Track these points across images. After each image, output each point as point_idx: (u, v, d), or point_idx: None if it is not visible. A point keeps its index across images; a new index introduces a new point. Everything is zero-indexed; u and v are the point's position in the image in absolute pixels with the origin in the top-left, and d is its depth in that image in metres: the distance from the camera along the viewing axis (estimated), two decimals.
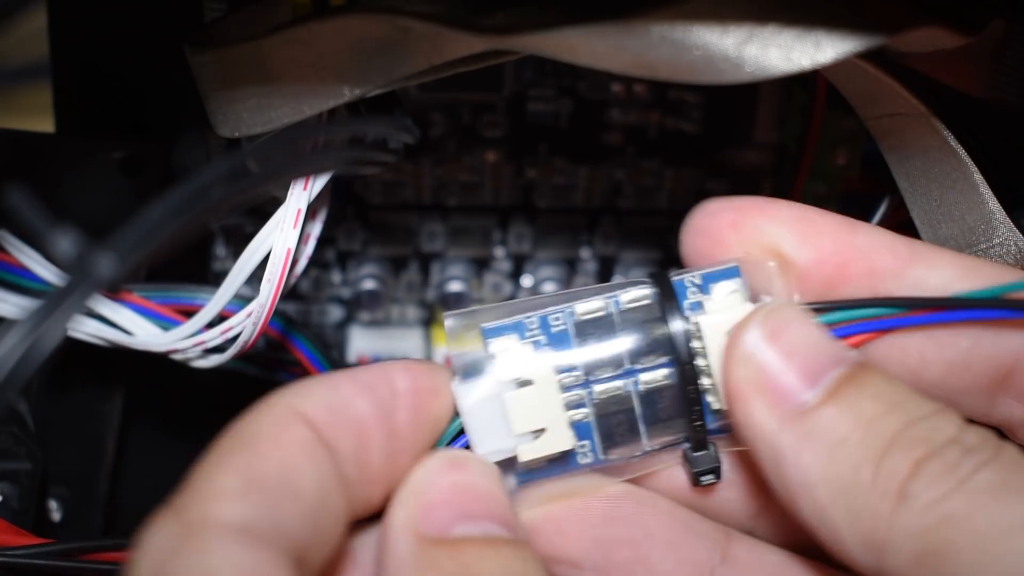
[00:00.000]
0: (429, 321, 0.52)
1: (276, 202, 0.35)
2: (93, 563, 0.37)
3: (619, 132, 0.49)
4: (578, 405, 0.29)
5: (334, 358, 0.47)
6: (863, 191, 0.47)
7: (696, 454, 0.30)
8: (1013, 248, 0.35)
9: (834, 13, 0.28)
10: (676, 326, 0.29)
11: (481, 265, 0.51)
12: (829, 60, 0.28)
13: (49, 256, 0.38)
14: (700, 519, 0.31)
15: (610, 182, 0.50)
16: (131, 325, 0.38)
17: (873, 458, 0.26)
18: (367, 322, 0.52)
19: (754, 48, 0.28)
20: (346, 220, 0.49)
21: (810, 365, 0.27)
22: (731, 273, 0.30)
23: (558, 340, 0.29)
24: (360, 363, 0.51)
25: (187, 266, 0.47)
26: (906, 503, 0.25)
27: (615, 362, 0.30)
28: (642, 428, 0.30)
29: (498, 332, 0.29)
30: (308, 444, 0.26)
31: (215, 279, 0.49)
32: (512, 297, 0.52)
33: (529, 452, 0.29)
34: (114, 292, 0.37)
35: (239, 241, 0.49)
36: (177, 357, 0.38)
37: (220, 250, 0.49)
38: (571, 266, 0.51)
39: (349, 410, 0.27)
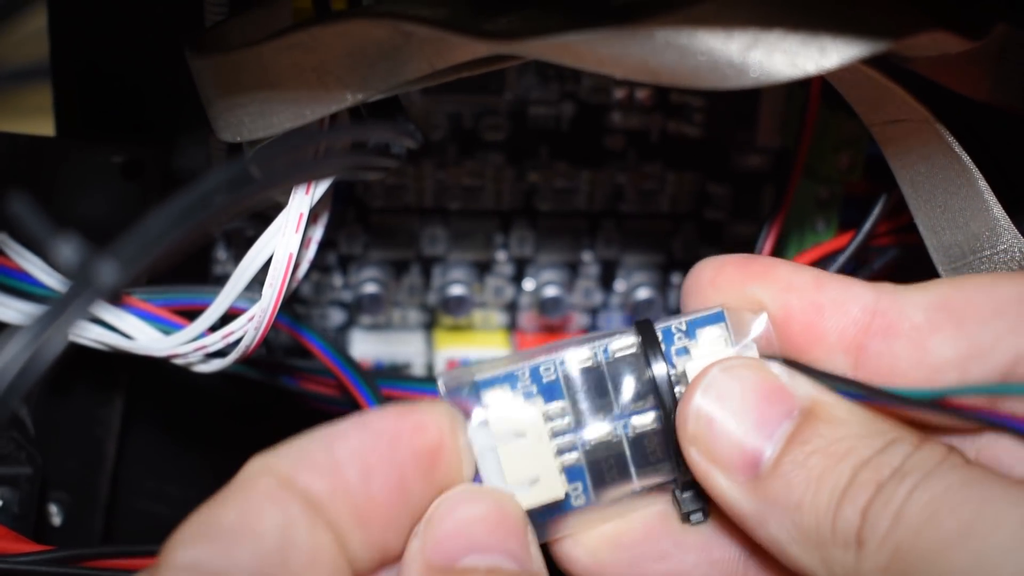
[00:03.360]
0: (430, 325, 0.52)
1: (277, 206, 0.34)
2: (93, 570, 0.37)
3: (621, 136, 0.49)
4: (570, 449, 0.30)
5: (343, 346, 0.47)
6: (866, 194, 0.47)
7: (684, 495, 0.31)
8: (1017, 254, 0.34)
9: (839, 18, 0.28)
10: (660, 372, 0.30)
11: (483, 269, 0.51)
12: (834, 65, 0.28)
13: (51, 263, 0.38)
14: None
15: (612, 186, 0.50)
16: (132, 329, 0.38)
17: (828, 515, 0.27)
18: (368, 326, 0.52)
19: (759, 53, 0.28)
20: (347, 224, 0.49)
21: (757, 422, 0.28)
22: (716, 319, 0.31)
23: (549, 390, 0.30)
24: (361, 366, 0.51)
25: (188, 270, 0.47)
26: (864, 549, 0.26)
27: (605, 408, 0.30)
28: (632, 471, 0.31)
29: (491, 384, 0.30)
30: (270, 488, 0.27)
31: (216, 283, 0.49)
32: (513, 301, 0.52)
33: (525, 500, 0.30)
34: (115, 301, 0.37)
35: (240, 244, 0.49)
36: (178, 362, 0.38)
37: (221, 253, 0.49)
38: (573, 269, 0.51)
39: (317, 456, 0.28)
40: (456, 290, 0.50)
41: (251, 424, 0.51)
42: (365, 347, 0.51)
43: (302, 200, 0.34)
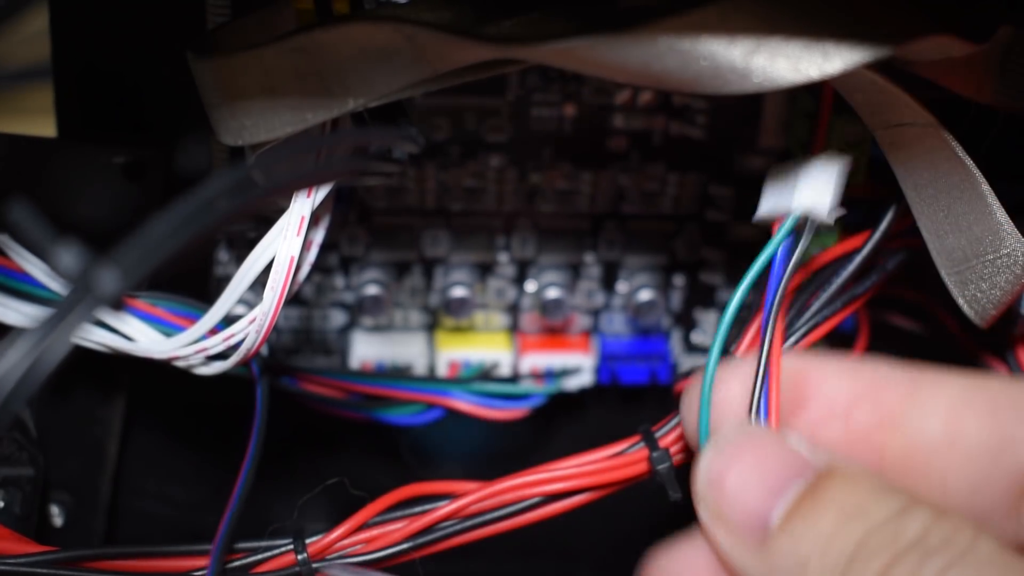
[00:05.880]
0: (432, 326, 0.52)
1: (278, 208, 0.34)
2: (95, 571, 0.37)
3: (623, 137, 0.49)
4: None
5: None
6: (869, 196, 0.47)
7: None
8: (1020, 258, 0.34)
9: (842, 23, 0.28)
10: None
11: (484, 270, 0.51)
12: (837, 70, 0.28)
13: (52, 269, 0.38)
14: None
15: (614, 187, 0.50)
16: (133, 331, 0.38)
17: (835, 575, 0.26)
18: (370, 327, 0.52)
19: (761, 58, 0.28)
20: (349, 225, 0.49)
21: (769, 484, 0.28)
22: None
23: None
24: (363, 368, 0.51)
25: (189, 271, 0.47)
26: None
27: None
28: None
29: None
30: None
31: (217, 284, 0.49)
32: (515, 303, 0.52)
33: None
34: (117, 308, 0.37)
35: (242, 246, 0.49)
36: (179, 364, 0.38)
37: (222, 255, 0.49)
38: (575, 271, 0.51)
39: None
40: (458, 291, 0.50)
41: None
42: (366, 348, 0.51)
43: (303, 203, 0.34)
